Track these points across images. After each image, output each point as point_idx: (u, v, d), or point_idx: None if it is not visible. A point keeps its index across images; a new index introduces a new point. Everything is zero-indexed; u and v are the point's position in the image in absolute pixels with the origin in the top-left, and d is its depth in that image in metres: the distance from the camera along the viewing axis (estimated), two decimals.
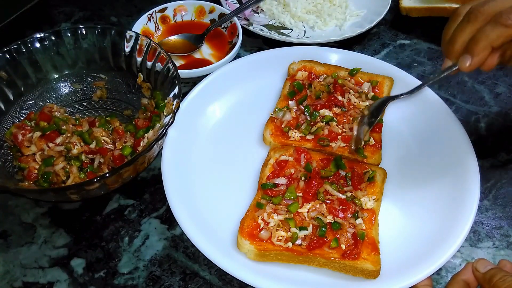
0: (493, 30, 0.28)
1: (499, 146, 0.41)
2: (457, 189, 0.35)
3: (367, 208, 0.34)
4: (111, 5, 0.56)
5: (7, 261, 0.33)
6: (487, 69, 0.30)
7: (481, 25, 0.29)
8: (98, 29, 0.41)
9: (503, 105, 0.45)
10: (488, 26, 0.28)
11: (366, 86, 0.43)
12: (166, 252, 0.34)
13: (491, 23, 0.28)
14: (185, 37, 0.49)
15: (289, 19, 0.52)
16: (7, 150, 0.37)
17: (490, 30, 0.28)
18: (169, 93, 0.38)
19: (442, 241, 0.32)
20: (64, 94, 0.42)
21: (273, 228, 0.32)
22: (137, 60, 0.42)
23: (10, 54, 0.39)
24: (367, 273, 0.31)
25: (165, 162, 0.36)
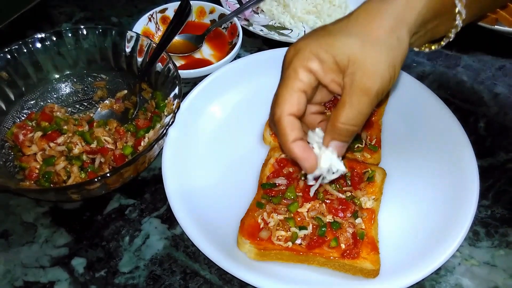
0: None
1: (498, 146, 0.41)
2: (456, 189, 0.35)
3: (367, 208, 0.34)
4: (112, 6, 0.56)
5: (8, 260, 0.33)
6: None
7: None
8: (99, 29, 0.42)
9: (502, 105, 0.45)
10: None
11: None
12: (167, 252, 0.34)
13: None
14: (185, 37, 0.49)
15: (289, 20, 0.52)
16: (8, 150, 0.38)
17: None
18: (169, 93, 0.38)
19: (441, 240, 0.32)
20: (65, 94, 0.42)
21: (273, 228, 0.32)
22: (137, 60, 0.42)
23: (11, 55, 0.39)
24: (366, 272, 0.31)
25: (166, 162, 0.36)
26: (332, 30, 0.23)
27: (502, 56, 0.49)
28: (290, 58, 0.24)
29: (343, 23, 0.24)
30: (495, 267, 0.34)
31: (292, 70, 0.24)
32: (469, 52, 0.50)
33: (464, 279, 0.33)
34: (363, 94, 0.23)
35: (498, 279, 0.33)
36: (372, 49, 0.22)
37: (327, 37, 0.23)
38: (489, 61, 0.49)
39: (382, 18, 0.23)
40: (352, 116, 0.24)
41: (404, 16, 0.23)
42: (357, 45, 0.22)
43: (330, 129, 0.25)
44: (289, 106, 0.24)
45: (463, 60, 0.49)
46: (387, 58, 0.23)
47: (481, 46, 0.50)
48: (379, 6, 0.23)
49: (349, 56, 0.23)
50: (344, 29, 0.23)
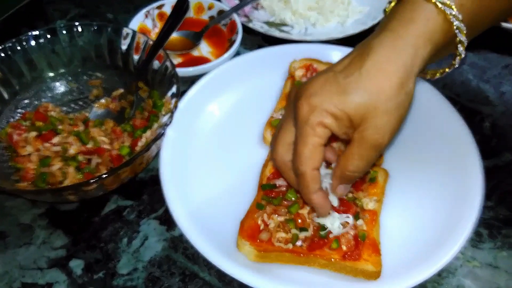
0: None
1: (504, 146, 0.41)
2: (459, 189, 0.35)
3: (368, 209, 0.34)
4: (108, 2, 0.54)
5: (5, 262, 0.33)
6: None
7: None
8: (94, 26, 0.41)
9: (508, 105, 0.44)
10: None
11: None
12: (165, 253, 0.34)
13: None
14: (183, 34, 0.48)
15: (290, 16, 0.51)
16: (3, 150, 0.37)
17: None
18: (167, 92, 0.38)
19: (444, 242, 0.32)
20: (60, 93, 0.42)
21: (273, 229, 0.32)
22: (134, 58, 0.41)
23: (4, 53, 0.38)
24: (368, 274, 0.31)
25: (164, 163, 0.36)
26: (345, 87, 0.24)
27: (508, 54, 0.48)
28: (306, 116, 0.25)
29: (354, 77, 0.24)
30: (498, 268, 0.33)
31: (310, 128, 0.25)
32: (474, 50, 0.49)
33: (466, 280, 0.33)
34: (373, 149, 0.25)
35: (500, 280, 0.33)
36: (383, 109, 0.24)
37: (341, 95, 0.24)
38: (495, 59, 0.48)
39: (393, 74, 0.24)
40: (361, 166, 0.26)
41: (412, 68, 0.24)
42: (369, 105, 0.24)
43: (339, 175, 0.27)
44: (312, 163, 0.26)
45: (469, 58, 0.48)
46: (396, 115, 0.24)
47: (487, 44, 0.49)
48: (388, 56, 0.24)
49: (362, 116, 0.24)
50: (356, 86, 0.24)
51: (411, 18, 0.24)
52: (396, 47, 0.24)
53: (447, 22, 0.25)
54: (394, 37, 0.24)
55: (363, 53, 0.25)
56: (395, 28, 0.25)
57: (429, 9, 0.24)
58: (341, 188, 0.28)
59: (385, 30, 0.25)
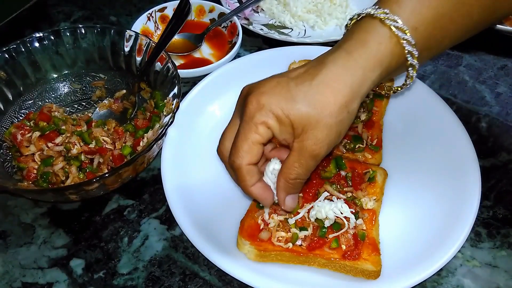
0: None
1: (500, 146, 0.41)
2: (457, 189, 0.35)
3: (368, 209, 0.34)
4: (111, 5, 0.55)
5: (6, 261, 0.33)
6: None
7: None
8: (97, 28, 0.41)
9: (504, 105, 0.45)
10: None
11: None
12: (166, 253, 0.34)
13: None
14: (184, 36, 0.49)
15: (289, 19, 0.52)
16: (6, 150, 0.37)
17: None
18: (168, 93, 0.38)
19: (443, 241, 0.32)
20: (63, 94, 0.42)
21: (273, 229, 0.32)
22: (136, 59, 0.41)
23: (9, 54, 0.39)
24: (367, 274, 0.31)
25: (165, 162, 0.36)
26: (294, 94, 0.25)
27: (504, 56, 0.49)
28: (253, 112, 0.26)
29: (304, 87, 0.25)
30: (497, 268, 0.33)
31: (253, 124, 0.26)
32: (470, 52, 0.49)
33: (466, 280, 0.33)
34: (312, 158, 0.26)
35: (500, 280, 0.33)
36: (324, 123, 0.25)
37: (289, 101, 0.25)
38: (490, 61, 0.49)
39: (339, 92, 0.25)
40: (302, 174, 0.27)
41: (359, 89, 0.25)
42: (313, 117, 0.25)
43: (283, 185, 0.28)
44: (249, 157, 0.26)
45: (465, 59, 0.49)
46: (336, 129, 0.26)
47: (482, 46, 0.50)
48: (339, 74, 0.25)
49: (304, 125, 0.25)
50: (304, 96, 0.25)
51: (365, 40, 0.25)
52: (346, 67, 0.25)
53: (399, 46, 0.25)
54: (347, 57, 0.25)
55: (317, 66, 0.26)
56: (348, 48, 0.26)
57: (382, 33, 0.25)
58: (289, 200, 0.29)
59: (340, 48, 0.26)
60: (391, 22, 0.25)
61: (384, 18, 0.25)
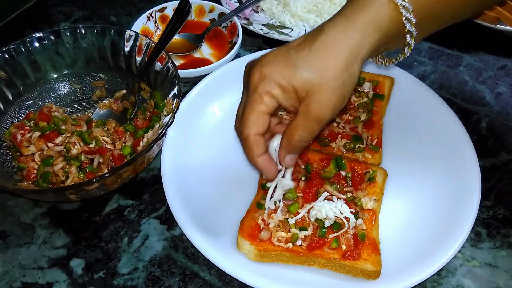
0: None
1: (500, 146, 0.41)
2: (457, 189, 0.35)
3: (368, 209, 0.34)
4: (111, 5, 0.55)
5: (6, 261, 0.33)
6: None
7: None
8: (97, 28, 0.41)
9: (504, 105, 0.45)
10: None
11: (366, 86, 0.42)
12: (166, 253, 0.34)
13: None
14: (184, 36, 0.49)
15: (289, 19, 0.52)
16: (6, 150, 0.37)
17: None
18: (168, 93, 0.38)
19: (443, 241, 0.32)
20: (63, 94, 0.42)
21: (273, 229, 0.32)
22: (136, 59, 0.41)
23: (9, 54, 0.39)
24: (367, 274, 0.31)
25: (165, 162, 0.36)
26: (294, 61, 0.26)
27: (504, 56, 0.49)
28: (256, 84, 0.27)
29: (304, 53, 0.26)
30: (497, 268, 0.33)
31: (258, 95, 0.26)
32: (470, 52, 0.49)
33: (466, 280, 0.33)
34: (316, 122, 0.27)
35: (500, 280, 0.33)
36: (327, 86, 0.25)
37: (290, 68, 0.26)
38: (490, 61, 0.49)
39: (339, 55, 0.25)
40: (305, 137, 0.28)
41: (358, 52, 0.26)
42: (315, 81, 0.25)
43: (285, 145, 0.29)
44: (256, 128, 0.28)
45: (465, 59, 0.49)
46: (339, 92, 0.26)
47: (482, 46, 0.50)
48: (337, 38, 0.26)
49: (307, 90, 0.26)
50: (304, 62, 0.25)
51: (363, 6, 0.26)
52: (345, 31, 0.25)
53: (397, 12, 0.25)
54: (345, 22, 0.26)
55: (315, 33, 0.26)
56: (347, 14, 0.26)
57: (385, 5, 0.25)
58: (288, 158, 0.29)
59: (339, 15, 0.26)
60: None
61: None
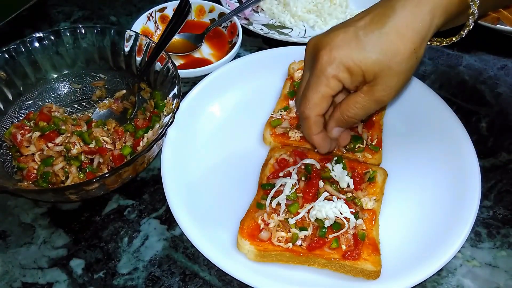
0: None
1: (500, 146, 0.41)
2: (457, 189, 0.35)
3: (368, 209, 0.34)
4: (111, 5, 0.55)
5: (6, 261, 0.33)
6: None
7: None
8: (98, 28, 0.41)
9: (505, 105, 0.45)
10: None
11: None
12: (166, 253, 0.34)
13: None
14: (184, 36, 0.49)
15: (289, 19, 0.52)
16: (6, 150, 0.37)
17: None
18: (168, 93, 0.38)
19: (443, 241, 0.32)
20: (63, 94, 0.42)
21: (273, 229, 0.32)
22: (136, 59, 0.41)
23: (9, 54, 0.39)
24: (367, 274, 0.31)
25: (165, 162, 0.36)
26: (364, 44, 0.26)
27: (504, 56, 0.49)
28: (324, 66, 0.27)
29: (374, 36, 0.26)
30: (497, 268, 0.33)
31: (324, 78, 0.27)
32: (470, 52, 0.49)
33: (466, 280, 0.33)
34: (376, 103, 0.28)
35: (500, 280, 0.33)
36: (396, 69, 0.26)
37: (360, 51, 0.26)
38: (491, 61, 0.49)
39: (409, 40, 0.26)
40: (360, 114, 0.29)
41: (426, 35, 0.26)
42: (384, 65, 0.26)
43: (337, 117, 0.30)
44: (319, 109, 0.29)
45: (465, 59, 0.49)
46: (405, 75, 0.27)
47: (483, 46, 0.50)
48: (408, 21, 0.26)
49: (375, 73, 0.27)
50: (374, 45, 0.26)
51: None
52: (415, 14, 0.26)
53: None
54: (415, 2, 0.26)
55: (384, 13, 0.26)
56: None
57: None
58: (335, 130, 0.31)
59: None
60: None
61: None
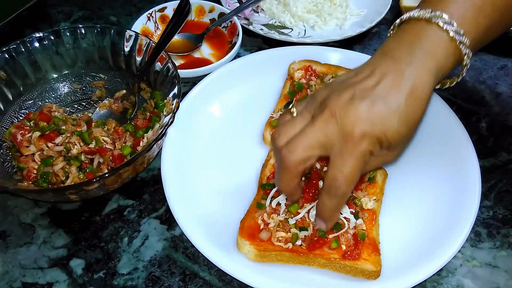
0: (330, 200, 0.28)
1: (500, 146, 0.41)
2: (458, 189, 0.35)
3: (368, 209, 0.34)
4: (111, 5, 0.55)
5: (6, 261, 0.33)
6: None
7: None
8: (98, 28, 0.41)
9: (504, 105, 0.45)
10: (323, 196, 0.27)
11: None
12: (166, 253, 0.34)
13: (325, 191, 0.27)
14: (184, 36, 0.49)
15: (289, 19, 0.52)
16: (6, 150, 0.37)
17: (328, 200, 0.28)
18: (168, 93, 0.38)
19: (443, 241, 0.32)
20: (63, 94, 0.42)
21: (273, 229, 0.32)
22: (136, 59, 0.41)
23: (9, 54, 0.39)
24: (367, 274, 0.31)
25: (165, 162, 0.36)
26: (390, 115, 0.26)
27: (504, 56, 0.49)
28: (358, 143, 0.27)
29: (399, 106, 0.26)
30: (497, 268, 0.33)
31: (360, 154, 0.27)
32: None
33: (466, 280, 0.33)
34: (382, 163, 0.28)
35: (500, 280, 0.33)
36: (410, 138, 0.27)
37: (387, 124, 0.26)
38: (491, 61, 0.49)
39: (423, 109, 0.26)
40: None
41: (431, 96, 0.27)
42: (405, 137, 0.26)
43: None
44: (353, 184, 0.28)
45: None
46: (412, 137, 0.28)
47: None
48: (422, 91, 0.26)
49: (397, 143, 0.26)
50: (400, 117, 0.26)
51: (433, 53, 0.26)
52: (427, 84, 0.26)
53: (458, 50, 0.27)
54: (424, 72, 0.26)
55: (400, 82, 0.26)
56: (422, 59, 0.26)
57: (443, 40, 0.26)
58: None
59: (415, 57, 0.26)
60: (449, 27, 0.26)
61: (443, 23, 0.26)
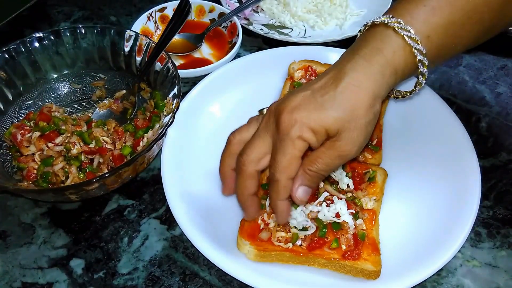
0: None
1: (500, 146, 0.41)
2: (457, 189, 0.35)
3: (368, 209, 0.34)
4: (111, 5, 0.55)
5: (6, 261, 0.33)
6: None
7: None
8: (97, 28, 0.41)
9: (504, 105, 0.45)
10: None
11: None
12: (166, 253, 0.34)
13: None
14: (184, 36, 0.49)
15: (289, 19, 0.52)
16: (6, 150, 0.37)
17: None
18: (168, 93, 0.38)
19: (443, 241, 0.32)
20: (63, 94, 0.42)
21: (273, 229, 0.32)
22: (136, 59, 0.42)
23: (9, 54, 0.39)
24: (367, 274, 0.31)
25: (165, 162, 0.36)
26: (322, 103, 0.27)
27: (503, 56, 0.49)
28: (287, 129, 0.27)
29: (330, 96, 0.27)
30: (497, 268, 0.33)
31: (290, 140, 0.27)
32: (470, 52, 0.50)
33: (466, 280, 0.33)
34: (339, 158, 0.28)
35: (500, 280, 0.33)
36: (356, 124, 0.27)
37: (319, 111, 0.27)
38: (490, 61, 0.49)
39: (364, 96, 0.27)
40: (322, 169, 0.28)
41: (379, 93, 0.28)
42: (345, 121, 0.27)
43: (300, 174, 0.29)
44: (289, 172, 0.28)
45: (465, 59, 0.49)
46: (365, 130, 0.28)
47: (482, 45, 0.49)
48: (360, 81, 0.27)
49: (338, 129, 0.27)
50: (333, 103, 0.27)
51: (380, 49, 0.27)
52: (367, 74, 0.27)
53: (412, 55, 0.28)
54: (366, 64, 0.27)
55: (337, 76, 0.28)
56: (366, 56, 0.27)
57: (396, 42, 0.27)
58: (300, 191, 0.29)
59: (358, 55, 0.28)
60: (404, 32, 0.27)
61: (398, 28, 0.27)
